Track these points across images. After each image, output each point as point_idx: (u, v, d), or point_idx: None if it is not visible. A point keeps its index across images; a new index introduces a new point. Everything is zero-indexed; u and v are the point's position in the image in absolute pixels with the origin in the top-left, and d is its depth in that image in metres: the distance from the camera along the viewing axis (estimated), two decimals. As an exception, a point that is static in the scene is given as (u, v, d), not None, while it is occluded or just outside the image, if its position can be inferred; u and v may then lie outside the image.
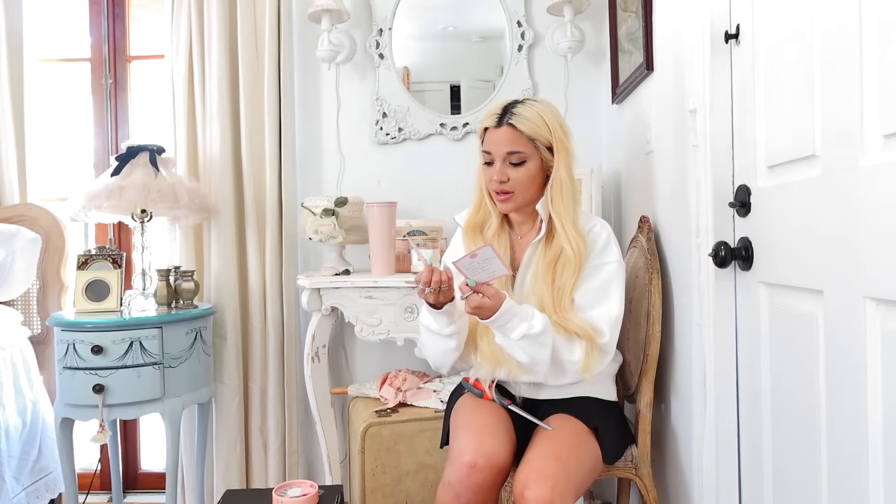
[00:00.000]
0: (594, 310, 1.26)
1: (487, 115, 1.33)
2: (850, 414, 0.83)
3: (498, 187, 1.31)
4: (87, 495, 2.22)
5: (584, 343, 1.22)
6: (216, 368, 2.07)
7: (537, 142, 1.29)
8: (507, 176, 1.30)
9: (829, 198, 0.87)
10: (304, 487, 1.46)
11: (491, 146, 1.31)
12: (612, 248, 1.31)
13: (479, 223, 1.39)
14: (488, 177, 1.33)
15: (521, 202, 1.33)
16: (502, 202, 1.33)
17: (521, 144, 1.29)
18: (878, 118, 0.77)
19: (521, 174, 1.30)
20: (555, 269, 1.28)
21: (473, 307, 1.17)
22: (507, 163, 1.30)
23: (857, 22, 0.80)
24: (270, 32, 2.05)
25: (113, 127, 2.33)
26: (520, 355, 1.20)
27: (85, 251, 1.92)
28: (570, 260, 1.26)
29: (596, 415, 1.32)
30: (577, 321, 1.24)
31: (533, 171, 1.31)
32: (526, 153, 1.29)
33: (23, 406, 1.93)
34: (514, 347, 1.20)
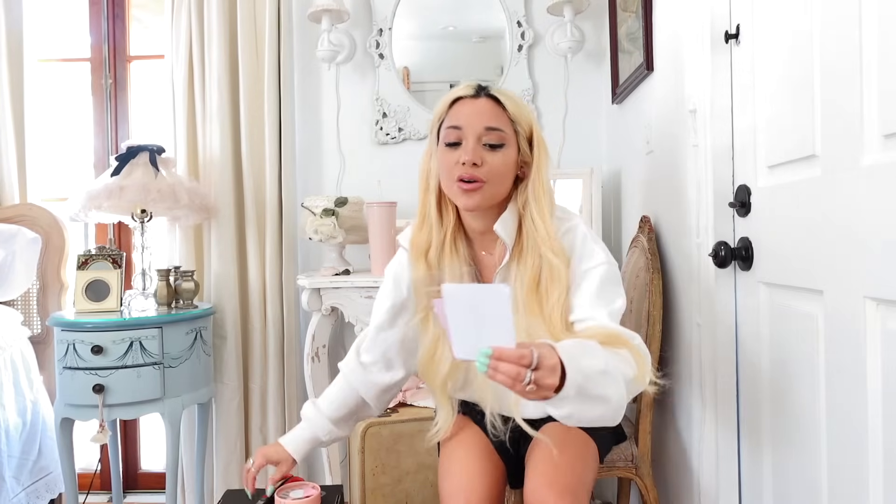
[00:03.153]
0: (601, 312, 1.00)
1: (457, 88, 1.07)
2: (850, 414, 0.83)
3: (467, 172, 1.00)
4: (87, 495, 2.22)
5: (626, 350, 0.93)
6: (216, 368, 2.07)
7: (518, 126, 1.05)
8: (482, 158, 1.01)
9: (829, 198, 0.87)
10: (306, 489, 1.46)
11: (463, 119, 1.03)
12: (591, 248, 1.05)
13: (425, 240, 1.09)
14: (451, 161, 1.02)
15: (491, 198, 1.04)
16: (468, 193, 1.01)
17: (502, 122, 1.03)
18: (878, 118, 0.77)
19: (498, 160, 1.02)
20: (538, 290, 1.03)
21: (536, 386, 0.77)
22: (482, 143, 1.02)
23: (857, 22, 0.80)
24: (270, 32, 2.05)
25: (113, 127, 2.33)
26: (592, 411, 0.84)
27: (85, 251, 1.92)
28: (555, 274, 1.01)
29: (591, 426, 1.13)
30: (597, 331, 0.96)
31: (510, 160, 1.04)
32: (506, 135, 1.03)
33: (23, 406, 1.93)
34: (586, 406, 0.83)
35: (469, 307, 0.75)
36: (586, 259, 1.04)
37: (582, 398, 0.80)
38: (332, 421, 1.24)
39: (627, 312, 1.56)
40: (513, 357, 0.73)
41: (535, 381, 0.75)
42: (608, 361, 0.85)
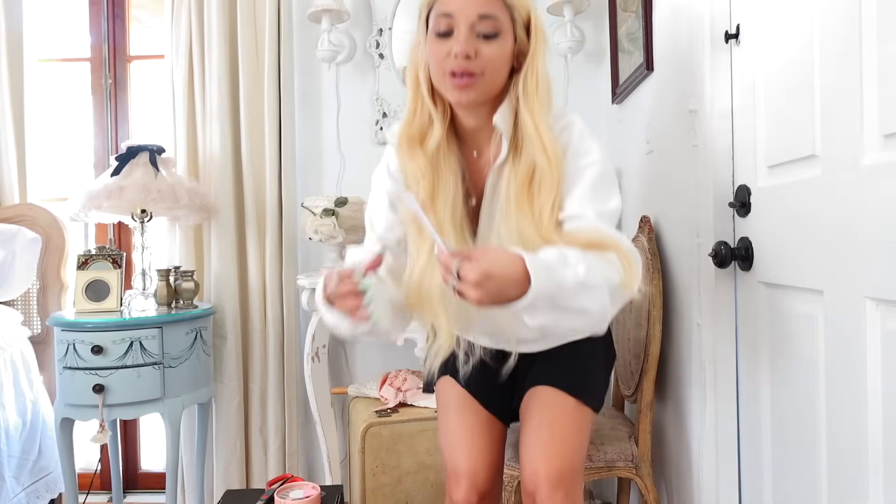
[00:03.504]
0: (590, 211, 0.97)
1: None
2: (850, 414, 0.83)
3: (461, 66, 0.94)
4: (87, 495, 2.22)
5: (613, 254, 0.90)
6: (216, 368, 2.07)
7: (515, 13, 0.97)
8: (475, 50, 0.95)
9: (829, 198, 0.87)
10: (306, 489, 1.46)
11: (454, 6, 0.95)
12: (588, 146, 1.01)
13: (416, 133, 1.03)
14: (442, 53, 0.96)
15: (486, 92, 0.98)
16: (462, 88, 0.96)
17: (498, 9, 0.96)
18: (878, 118, 0.77)
19: (493, 51, 0.96)
20: (530, 188, 0.98)
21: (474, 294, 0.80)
22: (475, 33, 0.95)
23: (857, 22, 0.80)
24: (270, 32, 2.06)
25: (113, 127, 2.33)
26: (572, 322, 0.87)
27: (85, 251, 1.92)
28: (547, 172, 0.97)
29: (583, 373, 1.13)
30: (585, 234, 0.93)
31: (506, 51, 0.97)
32: (501, 23, 0.96)
33: (23, 406, 1.93)
34: (564, 317, 0.85)
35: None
36: (581, 156, 1.00)
37: (557, 309, 0.83)
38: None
39: (628, 312, 1.56)
40: (442, 262, 0.82)
41: (458, 289, 0.80)
42: (589, 273, 0.84)
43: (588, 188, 0.98)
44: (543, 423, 1.07)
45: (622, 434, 1.45)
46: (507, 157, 1.01)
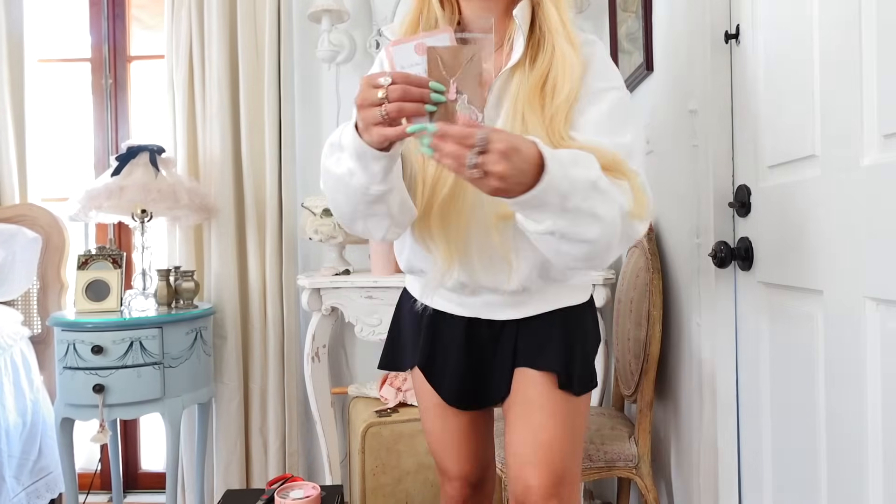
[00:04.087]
0: (605, 140, 0.84)
1: None
2: (850, 413, 0.83)
3: None
4: (88, 495, 2.22)
5: (626, 182, 0.81)
6: (216, 368, 2.07)
7: None
8: None
9: (829, 198, 0.87)
10: (306, 489, 1.46)
11: None
12: (612, 70, 0.92)
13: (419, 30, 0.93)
14: None
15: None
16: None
17: None
18: (878, 118, 0.77)
19: None
20: (543, 92, 0.88)
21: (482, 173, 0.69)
22: None
23: (857, 22, 0.80)
24: (270, 32, 2.06)
25: (113, 127, 2.33)
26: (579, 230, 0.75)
27: (85, 251, 1.92)
28: (566, 76, 0.86)
29: (572, 354, 0.98)
30: (600, 153, 0.81)
31: None
32: None
33: (23, 406, 1.93)
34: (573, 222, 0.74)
35: (422, 68, 0.72)
36: (601, 77, 0.89)
37: (567, 212, 0.73)
38: None
39: (627, 312, 1.56)
40: (456, 135, 0.67)
41: (479, 165, 0.67)
42: (601, 179, 0.75)
43: (605, 114, 0.86)
44: (531, 426, 0.94)
45: (622, 434, 1.45)
46: (522, 58, 0.89)
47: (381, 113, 0.71)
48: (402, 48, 0.73)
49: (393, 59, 0.74)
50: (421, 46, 0.72)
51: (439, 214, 0.89)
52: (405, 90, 0.70)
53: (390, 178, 0.80)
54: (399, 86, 0.70)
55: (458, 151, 0.67)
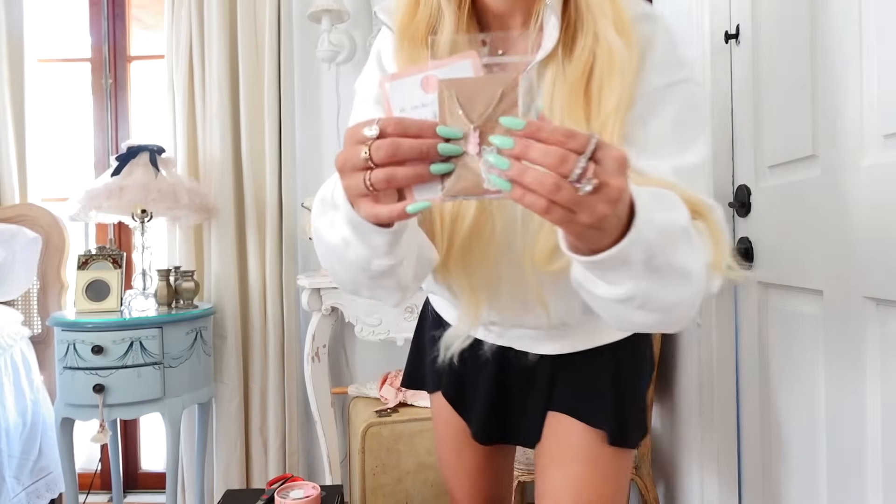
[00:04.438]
0: (665, 163, 0.64)
1: None
2: (850, 414, 0.83)
3: None
4: (88, 495, 2.22)
5: (700, 222, 0.60)
6: (216, 368, 2.07)
7: None
8: None
9: (829, 198, 0.87)
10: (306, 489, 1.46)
11: None
12: (679, 55, 0.70)
13: (423, 26, 0.72)
14: None
15: None
16: None
17: None
18: (878, 118, 0.77)
19: None
20: (589, 90, 0.65)
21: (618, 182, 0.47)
22: None
23: (856, 22, 0.80)
24: (270, 32, 2.06)
25: (113, 127, 2.33)
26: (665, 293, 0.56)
27: (85, 251, 1.92)
28: (614, 72, 0.64)
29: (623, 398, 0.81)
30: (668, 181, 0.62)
31: None
32: None
33: (23, 406, 1.93)
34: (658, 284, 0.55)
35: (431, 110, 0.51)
36: (665, 68, 0.67)
37: (653, 272, 0.53)
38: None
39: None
40: (556, 134, 0.45)
41: (595, 175, 0.45)
42: (691, 223, 0.56)
43: (670, 124, 0.66)
44: (573, 478, 0.79)
45: (622, 434, 1.45)
46: (556, 48, 0.67)
47: (365, 183, 0.50)
48: (402, 84, 0.51)
49: (390, 99, 0.51)
50: (430, 80, 0.50)
51: (460, 255, 0.71)
52: (395, 147, 0.48)
53: (398, 251, 0.61)
54: (388, 140, 0.49)
55: (560, 154, 0.44)
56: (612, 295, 0.55)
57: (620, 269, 0.52)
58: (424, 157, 0.49)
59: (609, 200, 0.46)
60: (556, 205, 0.45)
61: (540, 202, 0.46)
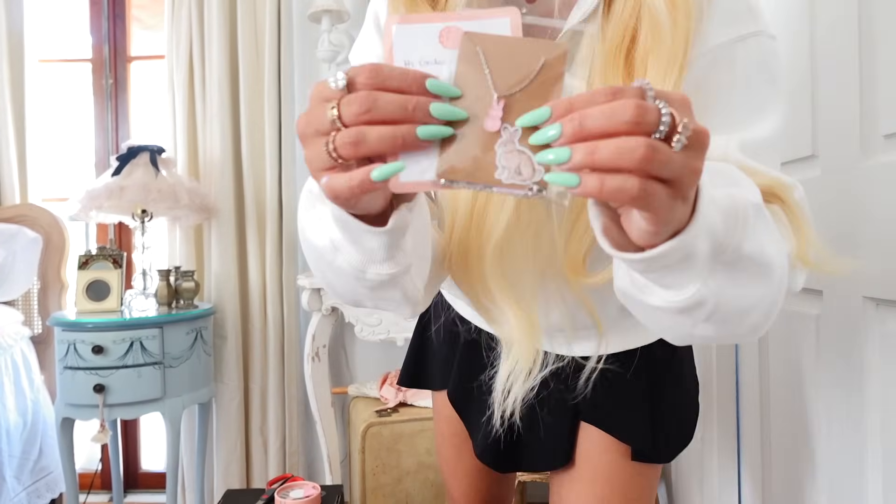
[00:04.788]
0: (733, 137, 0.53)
1: None
2: (849, 414, 0.83)
3: None
4: (88, 495, 2.22)
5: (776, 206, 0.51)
6: (216, 368, 2.07)
7: None
8: None
9: (829, 198, 0.87)
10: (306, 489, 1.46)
11: None
12: (752, 5, 0.56)
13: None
14: None
15: None
16: None
17: None
18: (878, 118, 0.77)
19: None
20: (629, 61, 0.54)
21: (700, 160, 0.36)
22: None
23: (856, 22, 0.80)
24: (270, 32, 2.06)
25: (113, 127, 2.33)
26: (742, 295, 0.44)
27: (85, 251, 1.92)
28: (658, 34, 0.52)
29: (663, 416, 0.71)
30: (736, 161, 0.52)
31: None
32: None
33: (23, 406, 1.93)
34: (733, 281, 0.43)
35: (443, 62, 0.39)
36: (730, 19, 0.55)
37: (724, 263, 0.41)
38: None
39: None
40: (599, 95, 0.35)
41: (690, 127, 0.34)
42: (760, 196, 0.45)
43: (739, 89, 0.54)
44: (593, 497, 0.71)
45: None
46: (597, 6, 0.55)
47: (327, 150, 0.38)
48: (414, 31, 0.40)
49: (394, 48, 0.40)
50: (451, 32, 0.39)
51: (496, 262, 0.57)
52: (371, 100, 0.37)
53: (400, 257, 0.48)
54: (362, 92, 0.37)
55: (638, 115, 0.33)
56: (672, 303, 0.43)
57: (683, 268, 0.40)
58: (410, 117, 0.38)
59: (703, 149, 0.36)
60: (654, 179, 0.34)
61: (631, 183, 0.33)
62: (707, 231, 0.39)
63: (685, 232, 0.38)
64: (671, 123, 0.34)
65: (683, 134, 0.34)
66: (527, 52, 0.38)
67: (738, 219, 0.41)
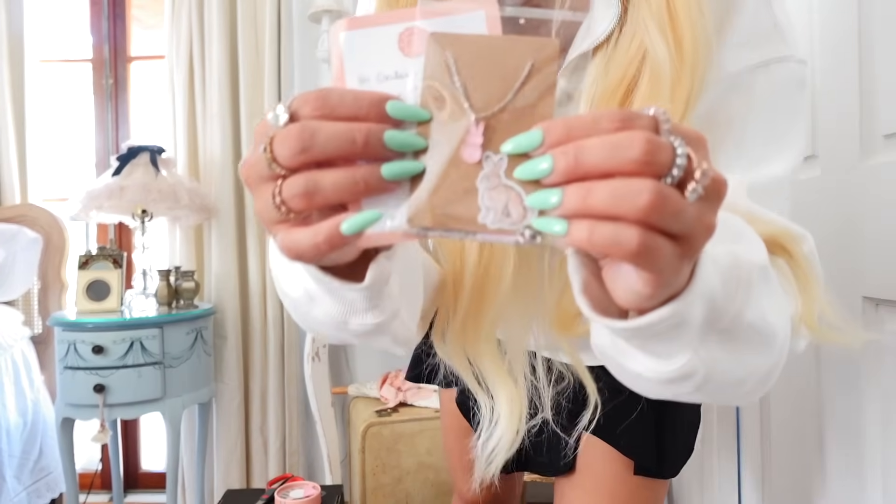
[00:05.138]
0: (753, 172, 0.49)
1: None
2: (849, 414, 0.83)
3: None
4: (88, 495, 2.22)
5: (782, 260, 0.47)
6: (216, 368, 2.07)
7: None
8: None
9: (829, 198, 0.87)
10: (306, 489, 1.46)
11: None
12: (771, 23, 0.50)
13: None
14: None
15: None
16: None
17: None
18: (878, 118, 0.77)
19: None
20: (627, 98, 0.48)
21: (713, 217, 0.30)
22: None
23: (856, 22, 0.80)
24: (270, 32, 2.06)
25: (113, 127, 2.33)
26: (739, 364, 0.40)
27: (86, 251, 1.92)
28: (660, 74, 0.46)
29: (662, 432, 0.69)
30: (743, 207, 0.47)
31: None
32: None
33: (24, 406, 1.93)
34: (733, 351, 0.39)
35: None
36: (754, 41, 0.48)
37: (719, 332, 0.36)
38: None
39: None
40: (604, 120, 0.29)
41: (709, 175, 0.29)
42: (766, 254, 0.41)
43: (750, 120, 0.49)
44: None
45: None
46: (615, 28, 0.48)
47: (274, 202, 0.32)
48: (368, 37, 0.32)
49: (344, 61, 0.33)
50: (414, 35, 0.32)
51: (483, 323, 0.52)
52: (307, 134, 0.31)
53: (386, 304, 0.43)
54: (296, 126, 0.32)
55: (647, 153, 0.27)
56: (658, 373, 0.38)
57: (673, 336, 0.34)
58: (361, 151, 0.31)
59: (720, 202, 0.30)
60: (659, 232, 0.28)
61: (629, 235, 0.27)
62: (705, 296, 0.33)
63: (681, 298, 0.32)
64: (687, 167, 0.28)
65: (701, 182, 0.28)
66: (509, 54, 0.30)
67: (740, 283, 0.36)
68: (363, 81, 0.33)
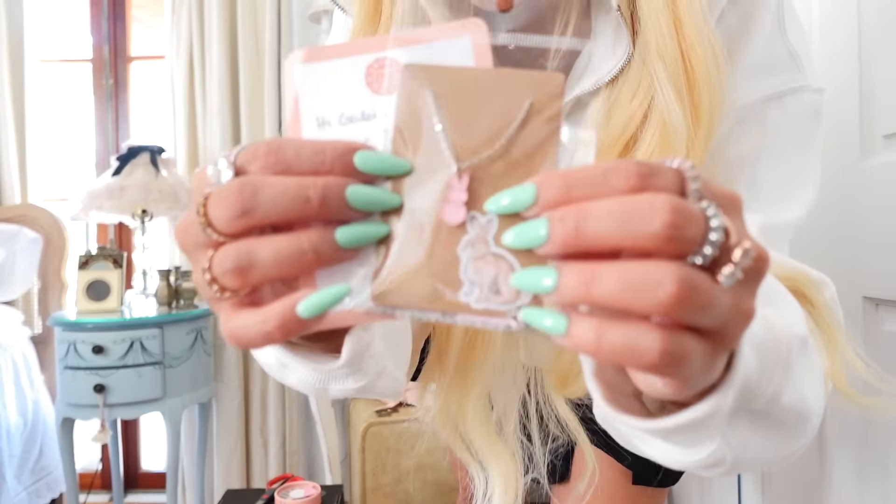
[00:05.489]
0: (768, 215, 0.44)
1: None
2: (849, 413, 0.83)
3: None
4: (88, 495, 2.22)
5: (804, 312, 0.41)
6: (216, 368, 2.07)
7: None
8: None
9: (829, 198, 0.87)
10: (306, 489, 1.46)
11: None
12: (788, 51, 0.45)
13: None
14: None
15: None
16: None
17: None
18: (878, 118, 0.77)
19: None
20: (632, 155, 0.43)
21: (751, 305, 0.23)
22: None
23: (856, 22, 0.80)
24: (270, 32, 2.06)
25: (114, 127, 2.33)
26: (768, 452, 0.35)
27: (86, 251, 1.92)
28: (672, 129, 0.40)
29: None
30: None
31: None
32: None
33: (24, 406, 1.93)
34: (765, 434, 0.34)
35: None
36: (766, 69, 0.44)
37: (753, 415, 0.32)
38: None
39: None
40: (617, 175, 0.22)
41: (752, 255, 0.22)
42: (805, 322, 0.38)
43: (763, 158, 0.45)
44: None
45: (622, 434, 1.45)
46: (627, 63, 0.42)
47: (204, 279, 0.27)
48: (328, 71, 0.27)
49: (299, 101, 0.27)
50: (383, 67, 0.26)
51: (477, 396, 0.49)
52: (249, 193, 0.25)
53: (369, 366, 0.38)
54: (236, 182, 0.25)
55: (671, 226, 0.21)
56: (682, 462, 0.33)
57: (704, 427, 0.28)
58: (317, 213, 0.24)
59: (760, 281, 0.24)
60: (686, 329, 0.22)
61: (648, 341, 0.21)
62: (740, 383, 0.27)
63: (716, 393, 0.26)
64: (723, 244, 0.22)
65: (741, 265, 0.22)
66: (501, 91, 0.24)
67: (777, 360, 0.31)
68: (323, 125, 0.26)
